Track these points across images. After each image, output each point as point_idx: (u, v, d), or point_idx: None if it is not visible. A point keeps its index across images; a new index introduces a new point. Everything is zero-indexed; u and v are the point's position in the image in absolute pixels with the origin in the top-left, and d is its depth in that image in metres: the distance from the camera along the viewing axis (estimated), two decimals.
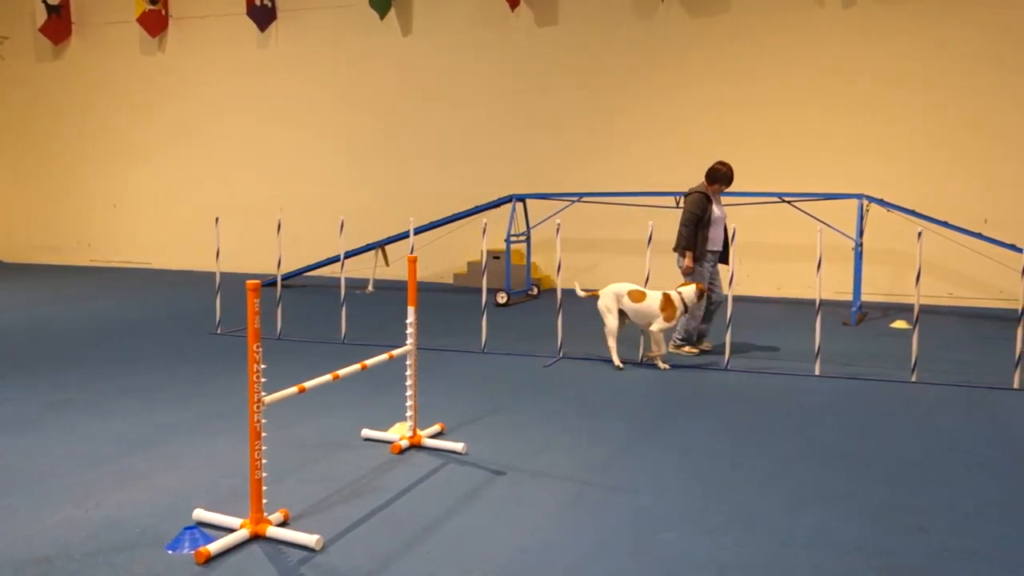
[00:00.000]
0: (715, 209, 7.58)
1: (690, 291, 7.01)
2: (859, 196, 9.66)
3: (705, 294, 7.25)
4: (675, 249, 7.63)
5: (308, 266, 12.11)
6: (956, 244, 9.54)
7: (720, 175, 7.60)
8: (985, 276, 10.34)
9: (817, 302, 6.91)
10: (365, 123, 13.37)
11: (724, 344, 7.14)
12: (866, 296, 10.17)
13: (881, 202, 9.71)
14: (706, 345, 7.75)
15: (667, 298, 6.93)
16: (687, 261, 7.44)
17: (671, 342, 7.61)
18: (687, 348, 7.67)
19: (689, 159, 11.67)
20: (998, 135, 10.43)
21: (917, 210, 9.53)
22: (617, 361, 7.05)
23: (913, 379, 6.63)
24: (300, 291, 11.70)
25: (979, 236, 9.37)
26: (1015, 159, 10.42)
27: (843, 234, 9.49)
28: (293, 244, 12.17)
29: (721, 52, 11.50)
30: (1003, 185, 10.42)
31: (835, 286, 10.42)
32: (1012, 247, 9.05)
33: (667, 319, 6.90)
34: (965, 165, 10.56)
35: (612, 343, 7.09)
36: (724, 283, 7.53)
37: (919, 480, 4.48)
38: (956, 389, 6.41)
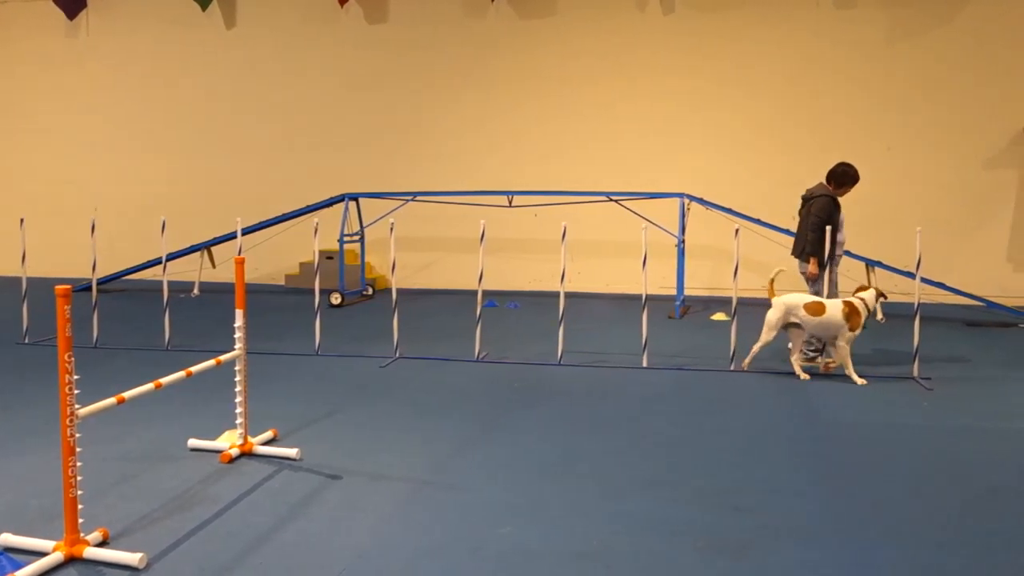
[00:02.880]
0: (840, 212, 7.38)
1: (871, 295, 6.84)
2: (681, 195, 10.16)
3: (880, 297, 6.98)
4: (797, 255, 7.41)
5: (127, 269, 11.47)
6: (768, 240, 10.18)
7: (848, 177, 7.31)
8: (795, 269, 11.09)
9: (643, 297, 7.21)
10: (187, 119, 12.79)
11: (557, 339, 7.33)
12: (689, 290, 10.69)
13: (701, 201, 10.25)
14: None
15: (851, 306, 6.66)
16: (811, 267, 7.14)
17: (803, 355, 7.08)
18: (821, 359, 7.11)
19: (521, 158, 11.92)
20: (802, 137, 11.21)
21: (734, 208, 10.11)
22: (746, 363, 7.00)
23: (732, 368, 7.05)
24: (119, 296, 11.06)
25: (788, 232, 10.02)
26: (816, 159, 11.20)
27: (667, 231, 9.97)
28: (111, 246, 11.52)
29: (550, 53, 11.78)
30: (805, 184, 11.20)
31: (660, 281, 10.88)
32: None
33: (853, 328, 6.63)
34: (773, 165, 11.26)
35: (756, 349, 6.95)
36: (556, 280, 7.71)
37: (738, 463, 4.76)
38: (770, 376, 6.86)
